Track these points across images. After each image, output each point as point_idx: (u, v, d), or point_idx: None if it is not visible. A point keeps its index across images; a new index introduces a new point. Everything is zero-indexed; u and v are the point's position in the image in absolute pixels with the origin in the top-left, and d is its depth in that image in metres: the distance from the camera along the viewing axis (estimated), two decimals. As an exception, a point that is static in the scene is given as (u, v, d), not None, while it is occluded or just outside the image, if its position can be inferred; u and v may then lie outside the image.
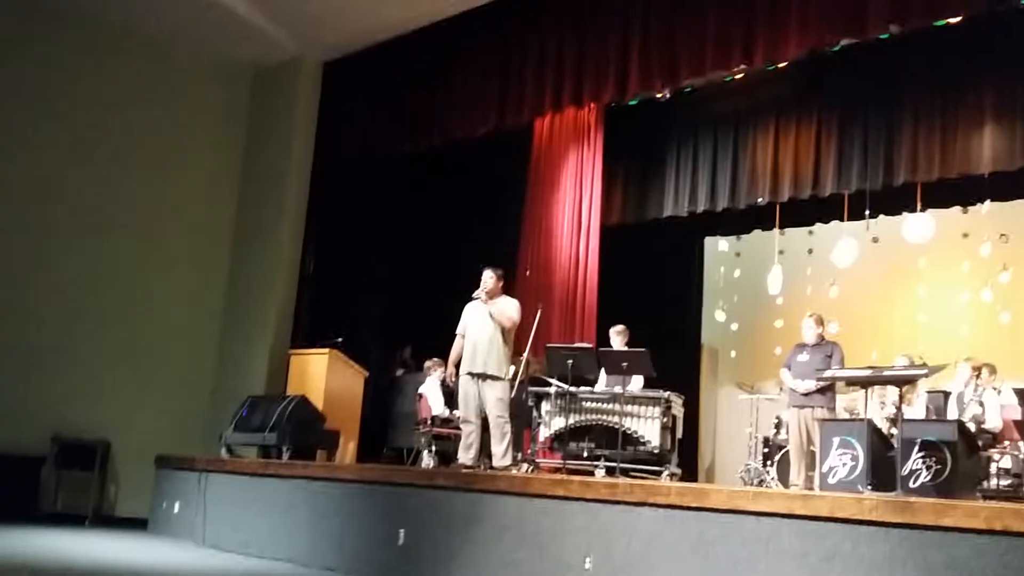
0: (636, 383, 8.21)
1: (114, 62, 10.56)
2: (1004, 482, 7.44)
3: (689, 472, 9.93)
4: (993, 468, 7.49)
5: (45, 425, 9.73)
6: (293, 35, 10.52)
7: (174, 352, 10.60)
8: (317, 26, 10.25)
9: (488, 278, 7.41)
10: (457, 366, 7.47)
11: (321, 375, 9.28)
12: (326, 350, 9.35)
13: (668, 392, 7.93)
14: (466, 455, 7.31)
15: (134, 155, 10.59)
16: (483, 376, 7.25)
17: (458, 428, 7.69)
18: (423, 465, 8.73)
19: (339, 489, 7.41)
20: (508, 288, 7.91)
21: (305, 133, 10.87)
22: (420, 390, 9.26)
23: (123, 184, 10.49)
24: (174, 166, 10.80)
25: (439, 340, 8.18)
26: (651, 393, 7.94)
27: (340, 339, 9.46)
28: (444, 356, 7.97)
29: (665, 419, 7.83)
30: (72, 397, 9.92)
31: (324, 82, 11.05)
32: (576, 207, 10.74)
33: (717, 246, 12.33)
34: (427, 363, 9.41)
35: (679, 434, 8.12)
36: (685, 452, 8.78)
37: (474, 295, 7.39)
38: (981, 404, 7.72)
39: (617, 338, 8.65)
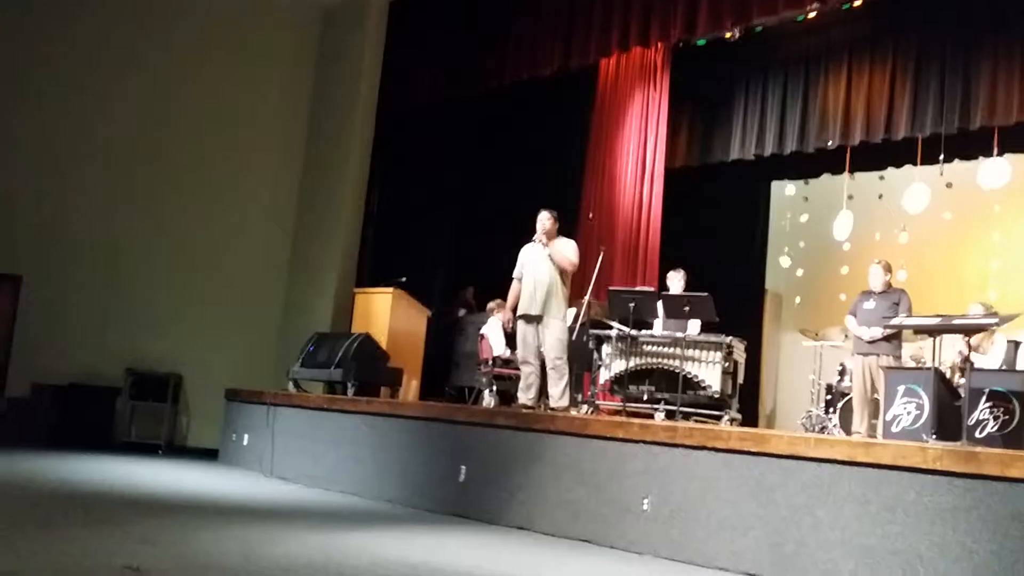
0: (693, 327, 8.19)
1: (185, 14, 10.68)
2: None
3: (750, 418, 9.91)
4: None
5: (120, 358, 10.07)
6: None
7: (243, 288, 10.85)
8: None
9: (545, 219, 7.39)
10: (514, 311, 7.50)
11: (385, 313, 9.39)
12: (390, 289, 9.46)
13: (730, 337, 7.89)
14: (526, 395, 7.39)
15: (208, 98, 10.77)
16: (541, 318, 7.28)
17: (518, 369, 7.76)
18: (484, 404, 8.85)
19: (402, 425, 7.55)
20: (571, 232, 7.91)
21: (371, 74, 10.90)
22: (482, 331, 9.34)
23: (197, 125, 10.69)
24: (245, 107, 10.97)
25: (501, 281, 8.22)
26: (713, 338, 7.90)
27: (404, 279, 9.56)
28: (506, 297, 8.02)
29: (727, 364, 7.79)
30: (146, 331, 10.23)
31: (390, 22, 11.03)
32: (640, 150, 10.64)
33: (784, 190, 12.13)
34: (489, 304, 9.47)
35: (740, 379, 8.08)
36: (746, 398, 8.76)
37: (535, 238, 7.39)
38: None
39: (675, 281, 8.61)
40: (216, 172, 10.77)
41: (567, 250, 7.39)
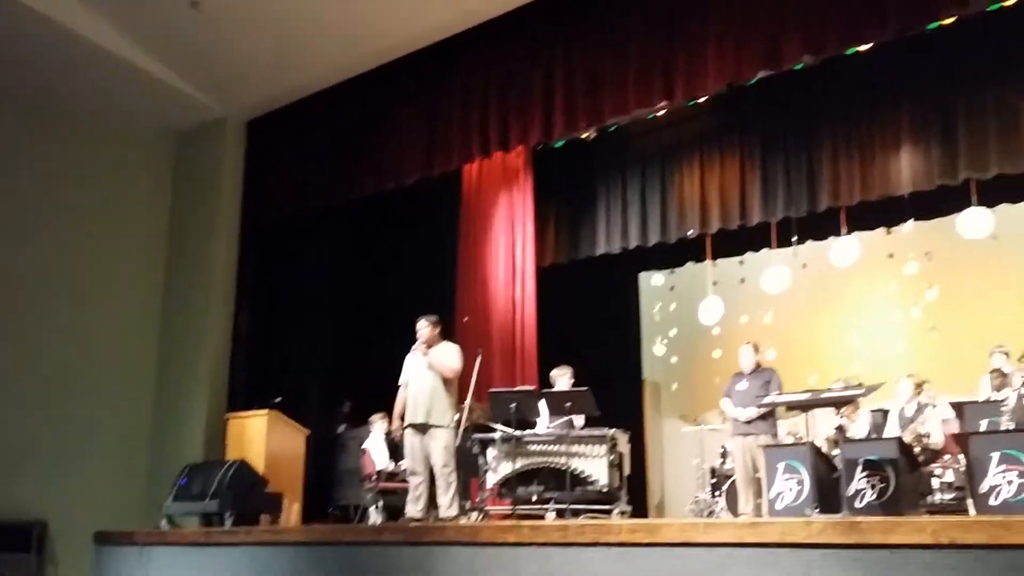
0: (579, 422, 8.19)
1: (35, 138, 10.34)
2: (947, 496, 7.53)
3: (640, 508, 9.91)
4: (936, 483, 7.60)
5: (-24, 508, 9.35)
6: (214, 96, 10.41)
7: (108, 424, 10.28)
8: (238, 86, 10.16)
9: (423, 327, 7.36)
10: (402, 418, 7.37)
11: (261, 437, 9.07)
12: (264, 411, 9.17)
13: (613, 429, 7.92)
14: (414, 508, 7.20)
15: (60, 227, 10.33)
16: (426, 427, 7.17)
17: (404, 481, 7.57)
18: (370, 521, 8.57)
19: (286, 553, 7.20)
20: (448, 336, 7.86)
21: (231, 193, 10.74)
22: (364, 445, 9.12)
23: (50, 256, 10.21)
24: (101, 235, 10.56)
25: (381, 393, 8.08)
26: (596, 432, 7.91)
27: (278, 399, 9.28)
28: (386, 409, 7.87)
29: (612, 457, 7.80)
30: (4, 477, 9.54)
31: (249, 140, 10.94)
32: (510, 250, 10.78)
33: (652, 281, 12.45)
34: (372, 417, 9.28)
35: (627, 471, 8.09)
36: (634, 488, 8.75)
37: (414, 347, 7.33)
38: (922, 420, 7.84)
39: (561, 379, 8.63)
40: (74, 303, 10.29)
41: (447, 357, 7.34)
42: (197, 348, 10.37)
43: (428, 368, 7.25)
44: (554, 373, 8.73)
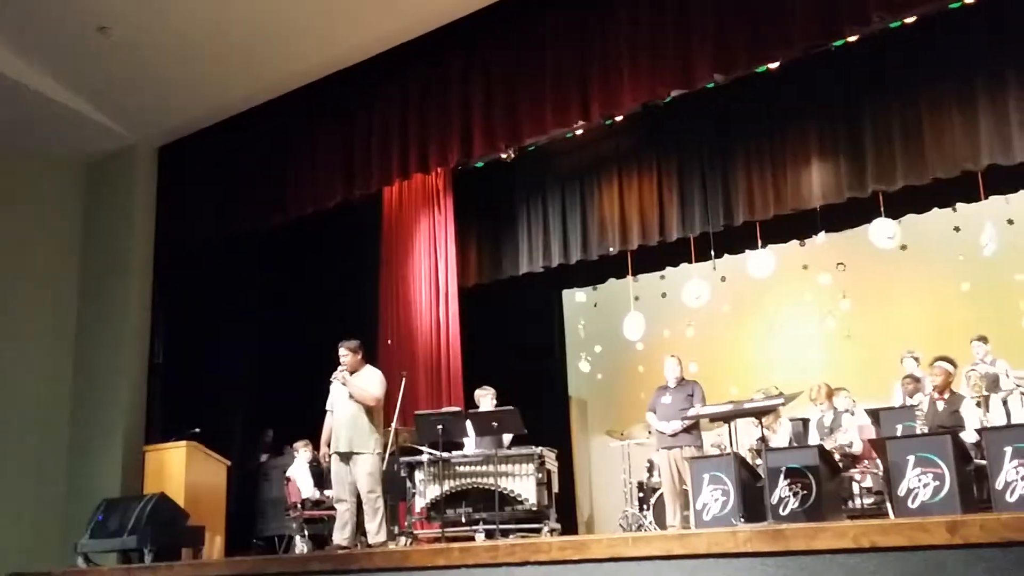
0: (505, 441, 8.17)
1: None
2: (867, 500, 7.72)
3: (569, 525, 9.93)
4: (856, 488, 7.78)
5: None
6: (123, 123, 10.14)
7: (21, 461, 9.89)
8: (149, 112, 9.92)
9: (343, 353, 7.25)
10: (328, 444, 7.25)
11: (180, 469, 8.83)
12: (183, 442, 8.93)
13: (540, 448, 7.92)
14: (341, 535, 7.08)
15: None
16: (350, 454, 7.07)
17: (331, 509, 7.45)
18: (296, 551, 8.41)
19: (208, 587, 7.01)
20: (372, 360, 7.77)
21: (144, 220, 10.46)
22: (288, 473, 8.96)
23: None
24: (8, 266, 10.21)
25: (304, 420, 7.94)
26: (524, 451, 7.91)
27: (197, 430, 9.05)
28: (309, 436, 7.74)
29: (540, 475, 7.80)
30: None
31: (161, 166, 10.69)
32: (432, 272, 10.74)
33: (575, 298, 12.54)
34: (295, 444, 9.12)
35: (556, 488, 8.10)
36: (563, 505, 8.77)
37: (333, 376, 7.21)
38: (842, 429, 8.02)
39: (484, 399, 8.60)
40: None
41: (370, 385, 7.22)
42: (112, 380, 10.06)
43: (349, 396, 7.15)
44: (477, 393, 8.70)
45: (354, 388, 7.13)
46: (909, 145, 8.75)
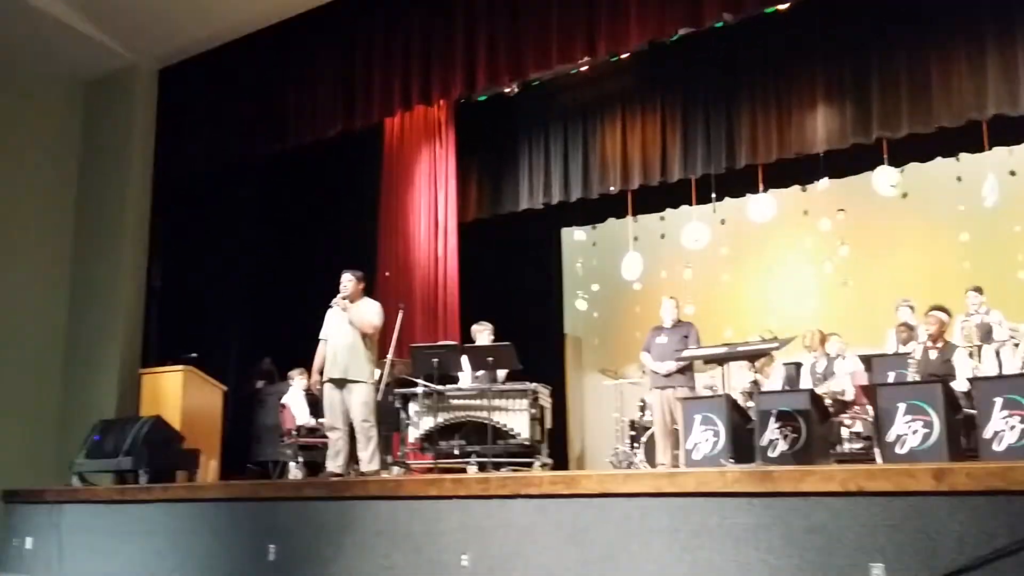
0: (500, 376, 8.23)
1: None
2: (856, 446, 7.80)
3: (560, 461, 10.05)
4: (845, 433, 7.86)
5: None
6: (124, 43, 10.00)
7: (17, 379, 9.94)
8: (149, 33, 9.78)
9: (347, 281, 7.27)
10: (321, 372, 7.30)
11: (176, 393, 8.90)
12: (180, 367, 8.98)
13: (535, 384, 7.98)
14: (334, 463, 7.16)
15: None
16: (345, 381, 7.11)
17: (325, 437, 7.52)
18: (290, 477, 8.51)
19: (202, 509, 7.11)
20: (369, 290, 7.79)
21: (143, 144, 10.37)
22: (283, 400, 9.02)
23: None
24: (7, 187, 10.14)
25: (301, 348, 7.97)
26: (518, 386, 7.96)
27: (195, 355, 9.10)
28: (306, 364, 7.77)
29: (534, 411, 7.87)
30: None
31: (162, 89, 10.56)
32: (432, 205, 10.71)
33: (573, 236, 12.53)
34: (291, 372, 9.17)
35: (548, 425, 8.17)
36: (555, 442, 8.86)
37: (333, 302, 7.23)
38: (832, 373, 8.08)
39: (481, 334, 8.63)
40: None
41: (369, 314, 7.26)
42: (109, 302, 10.08)
43: (348, 323, 7.18)
44: (474, 328, 8.73)
45: (354, 316, 7.16)
46: (915, 92, 8.68)
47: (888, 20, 8.81)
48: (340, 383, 7.12)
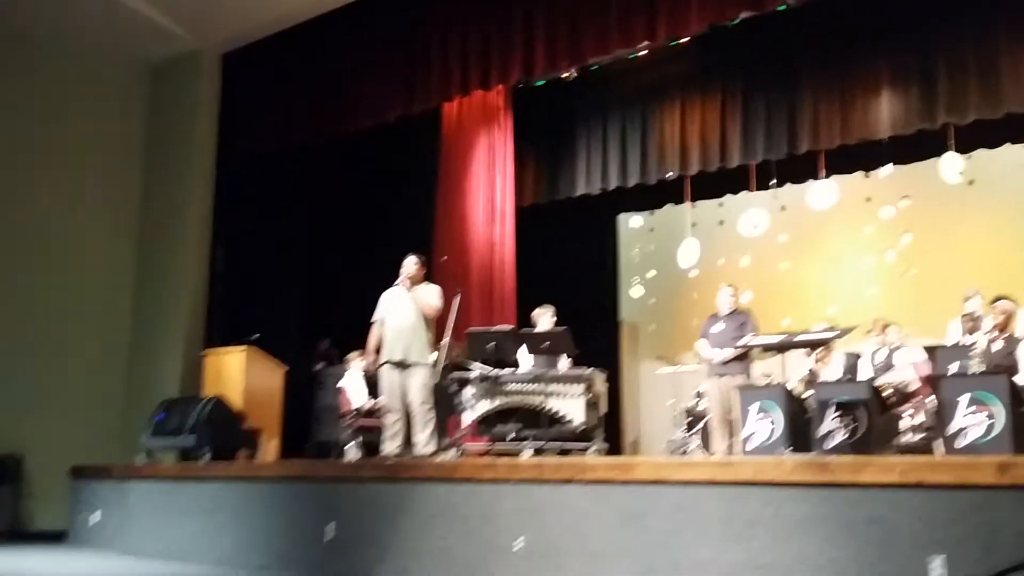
0: (563, 362, 8.24)
1: (2, 71, 10.12)
2: (916, 437, 7.67)
3: (615, 447, 10.04)
4: (906, 424, 7.73)
5: (-48, 442, 9.34)
6: (188, 27, 10.19)
7: (84, 359, 10.25)
8: (213, 17, 9.95)
9: (412, 264, 7.35)
10: (377, 352, 7.38)
11: (238, 373, 9.08)
12: (242, 348, 9.16)
13: (590, 369, 7.97)
14: (391, 445, 7.25)
15: (31, 163, 10.18)
16: (405, 364, 7.18)
17: (382, 419, 7.61)
18: (348, 458, 8.63)
19: (263, 488, 7.27)
20: (427, 275, 7.85)
21: (206, 128, 10.57)
22: (340, 384, 9.14)
23: (22, 192, 10.08)
24: (73, 169, 10.42)
25: (360, 331, 8.07)
26: (573, 372, 7.96)
27: (256, 335, 9.27)
28: (364, 347, 7.86)
29: (589, 396, 7.84)
30: (-21, 411, 9.53)
31: (224, 74, 10.74)
32: (489, 190, 10.74)
33: (630, 222, 12.47)
34: (348, 355, 9.29)
35: (603, 411, 8.16)
36: (610, 428, 8.85)
37: (397, 282, 7.31)
38: (892, 364, 7.95)
39: (543, 318, 8.65)
40: (47, 237, 10.17)
41: (431, 297, 7.36)
42: (173, 284, 10.31)
43: (410, 305, 7.25)
44: (536, 312, 8.74)
45: (418, 296, 7.24)
46: (983, 76, 8.48)
47: (955, 2, 8.60)
48: (401, 365, 7.19)
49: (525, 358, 8.33)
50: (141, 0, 9.76)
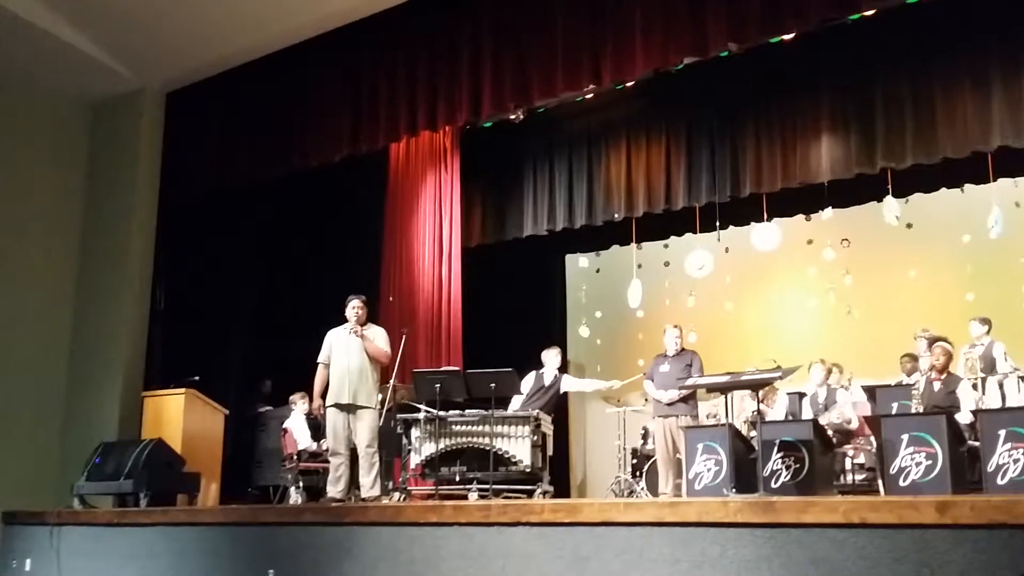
0: (514, 403, 8.25)
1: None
2: (859, 476, 7.76)
3: (562, 488, 10.00)
4: (848, 464, 7.82)
5: None
6: (131, 66, 10.05)
7: (19, 401, 9.94)
8: (156, 56, 9.82)
9: (358, 306, 7.32)
10: (323, 396, 7.29)
11: (178, 416, 8.88)
12: (182, 390, 8.97)
13: (537, 410, 7.95)
14: (335, 488, 7.14)
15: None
16: (353, 408, 7.10)
17: (326, 462, 7.50)
18: (291, 502, 8.48)
19: (202, 533, 7.08)
20: (373, 316, 7.81)
21: (149, 166, 10.41)
22: (285, 424, 9.01)
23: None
24: (12, 204, 10.17)
25: (302, 372, 7.97)
26: (520, 413, 7.94)
27: (196, 378, 9.09)
28: (307, 388, 7.76)
29: (535, 437, 7.83)
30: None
31: (168, 112, 10.61)
32: (436, 231, 10.73)
33: (578, 263, 12.54)
34: (292, 396, 9.16)
35: (550, 452, 8.14)
36: (557, 469, 8.82)
37: (349, 328, 7.25)
38: (837, 407, 8.04)
39: (550, 358, 8.65)
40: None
41: (381, 340, 7.33)
42: (112, 325, 10.08)
43: (358, 347, 7.18)
44: (545, 353, 8.74)
45: (368, 342, 7.18)
46: (920, 123, 8.71)
47: (893, 51, 8.86)
48: (348, 408, 7.11)
49: (515, 401, 8.33)
50: (83, 38, 9.62)
